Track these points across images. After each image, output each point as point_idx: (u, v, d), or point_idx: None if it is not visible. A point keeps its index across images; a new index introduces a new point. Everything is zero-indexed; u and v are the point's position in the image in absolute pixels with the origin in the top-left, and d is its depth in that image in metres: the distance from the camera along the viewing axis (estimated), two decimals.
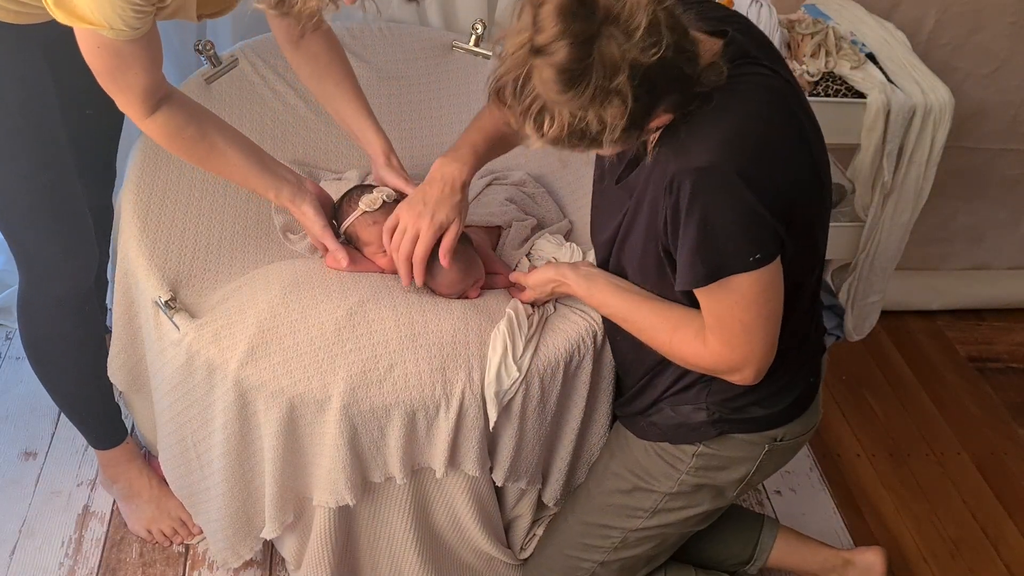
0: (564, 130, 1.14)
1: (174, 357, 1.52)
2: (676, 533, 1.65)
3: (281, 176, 1.57)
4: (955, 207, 2.64)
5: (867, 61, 2.11)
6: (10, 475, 1.99)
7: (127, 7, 1.23)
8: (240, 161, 1.52)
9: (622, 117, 1.12)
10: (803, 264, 1.37)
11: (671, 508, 1.58)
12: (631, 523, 1.61)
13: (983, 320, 2.81)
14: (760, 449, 1.52)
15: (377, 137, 1.66)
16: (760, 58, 1.29)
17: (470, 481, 1.59)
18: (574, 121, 1.13)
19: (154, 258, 1.57)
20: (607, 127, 1.13)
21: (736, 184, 1.21)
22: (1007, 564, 2.11)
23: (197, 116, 1.48)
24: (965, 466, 2.34)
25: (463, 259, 1.59)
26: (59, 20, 1.24)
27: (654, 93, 1.14)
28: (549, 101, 1.12)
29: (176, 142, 1.46)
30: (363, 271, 1.63)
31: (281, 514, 1.59)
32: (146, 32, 1.29)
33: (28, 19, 1.41)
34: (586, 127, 1.13)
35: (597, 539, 1.65)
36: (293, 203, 1.58)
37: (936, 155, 2.10)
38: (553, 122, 1.14)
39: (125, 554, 1.88)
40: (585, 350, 1.57)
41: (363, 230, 1.63)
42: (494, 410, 1.51)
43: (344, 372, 1.46)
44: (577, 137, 1.15)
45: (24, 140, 1.49)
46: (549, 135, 1.15)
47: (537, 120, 1.15)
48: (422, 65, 2.01)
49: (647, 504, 1.59)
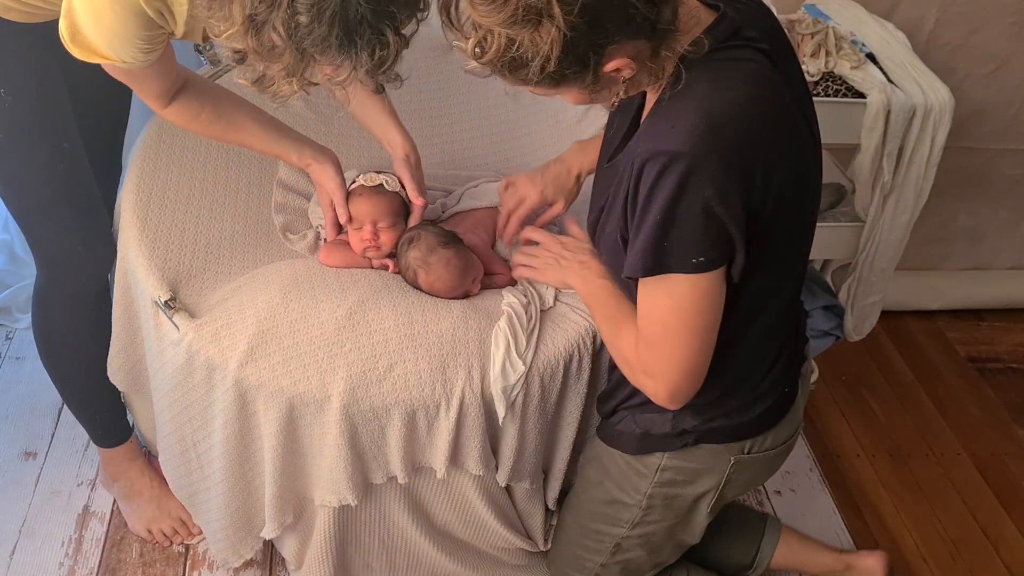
0: (500, 52, 1.11)
1: (174, 357, 1.52)
2: (667, 542, 1.62)
3: (301, 140, 1.62)
4: (955, 207, 2.64)
5: (867, 61, 2.11)
6: (10, 475, 1.99)
7: (135, 50, 1.29)
8: (258, 131, 1.57)
9: (558, 44, 1.08)
10: (771, 276, 1.30)
11: (650, 520, 1.55)
12: (617, 531, 1.58)
13: (983, 320, 2.81)
14: (726, 462, 1.46)
15: (399, 136, 1.67)
16: (755, 42, 1.22)
17: (478, 479, 1.59)
18: (511, 46, 1.10)
19: (154, 258, 1.57)
20: (540, 54, 1.09)
21: (701, 178, 1.14)
22: (1007, 564, 2.11)
23: (212, 97, 1.53)
24: (965, 466, 2.34)
25: (458, 261, 1.60)
26: (76, 56, 1.29)
27: (598, 27, 1.09)
28: (475, 20, 1.10)
29: (195, 125, 1.53)
30: (341, 263, 1.64)
31: (281, 514, 1.60)
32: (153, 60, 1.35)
33: (39, 18, 1.44)
34: (521, 53, 1.10)
35: (592, 541, 1.64)
36: (316, 160, 1.61)
37: (936, 155, 2.09)
38: (491, 44, 1.11)
39: (125, 554, 1.88)
40: (585, 350, 1.57)
41: (352, 200, 1.65)
42: (502, 406, 1.51)
43: (344, 372, 1.46)
44: (516, 64, 1.12)
45: (40, 129, 1.52)
46: (485, 58, 1.12)
47: (476, 41, 1.12)
48: (422, 65, 2.01)
49: (626, 516, 1.55)
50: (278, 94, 1.18)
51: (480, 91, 2.03)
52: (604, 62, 1.13)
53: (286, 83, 1.16)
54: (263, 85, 1.18)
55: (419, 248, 1.60)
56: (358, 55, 1.12)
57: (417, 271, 1.60)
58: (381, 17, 1.11)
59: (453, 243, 1.61)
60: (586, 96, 1.21)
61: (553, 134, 1.98)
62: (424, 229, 1.64)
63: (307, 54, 1.12)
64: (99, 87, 1.55)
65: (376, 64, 1.14)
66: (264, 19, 1.09)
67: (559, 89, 1.18)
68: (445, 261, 1.59)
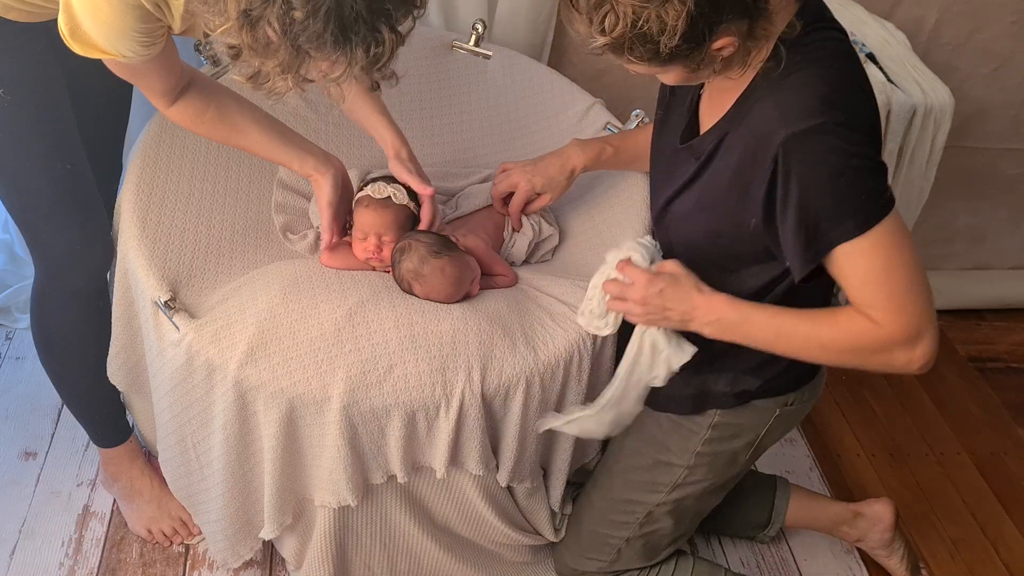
0: (627, 28, 1.15)
1: (174, 357, 1.52)
2: (695, 507, 1.67)
3: (305, 148, 1.60)
4: (956, 207, 2.63)
5: (867, 61, 2.11)
6: (10, 475, 1.99)
7: (133, 43, 1.28)
8: (261, 136, 1.55)
9: (683, 20, 1.13)
10: None
11: (691, 481, 1.60)
12: (653, 497, 1.63)
13: (983, 320, 2.80)
14: (771, 414, 1.54)
15: (388, 132, 1.67)
16: (836, 23, 1.29)
17: (477, 478, 1.59)
18: (637, 20, 1.14)
19: (154, 258, 1.57)
20: (667, 28, 1.14)
21: (849, 133, 1.19)
22: (1007, 564, 2.11)
23: (217, 98, 1.52)
24: (965, 466, 2.33)
25: (452, 269, 1.59)
26: (76, 51, 1.29)
27: (716, 5, 1.15)
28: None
29: (198, 126, 1.52)
30: (342, 265, 1.64)
31: (280, 515, 1.60)
32: (160, 49, 1.34)
33: (39, 18, 1.43)
34: (647, 28, 1.15)
35: (622, 515, 1.67)
36: (318, 172, 1.60)
37: (936, 155, 2.09)
38: (617, 19, 1.15)
39: (125, 554, 1.88)
40: (585, 351, 1.57)
41: (358, 210, 1.65)
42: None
43: (344, 373, 1.46)
44: (639, 40, 1.16)
45: (40, 129, 1.52)
46: (614, 33, 1.17)
47: (601, 17, 1.17)
48: (423, 65, 2.01)
49: (667, 479, 1.60)
50: (273, 91, 1.18)
51: (480, 91, 2.03)
52: (714, 39, 1.19)
53: (281, 80, 1.16)
54: (258, 81, 1.18)
55: (411, 260, 1.58)
56: (353, 52, 1.12)
57: (412, 283, 1.59)
58: (377, 14, 1.11)
59: (446, 251, 1.60)
60: (688, 74, 1.26)
61: (553, 133, 1.98)
62: (416, 238, 1.61)
63: (302, 50, 1.12)
64: (99, 86, 1.56)
65: (371, 61, 1.14)
66: (259, 15, 1.09)
67: (666, 67, 1.23)
68: (439, 271, 1.58)
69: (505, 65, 2.03)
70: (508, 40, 2.10)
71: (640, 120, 1.91)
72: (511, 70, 2.03)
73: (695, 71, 1.25)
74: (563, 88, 2.02)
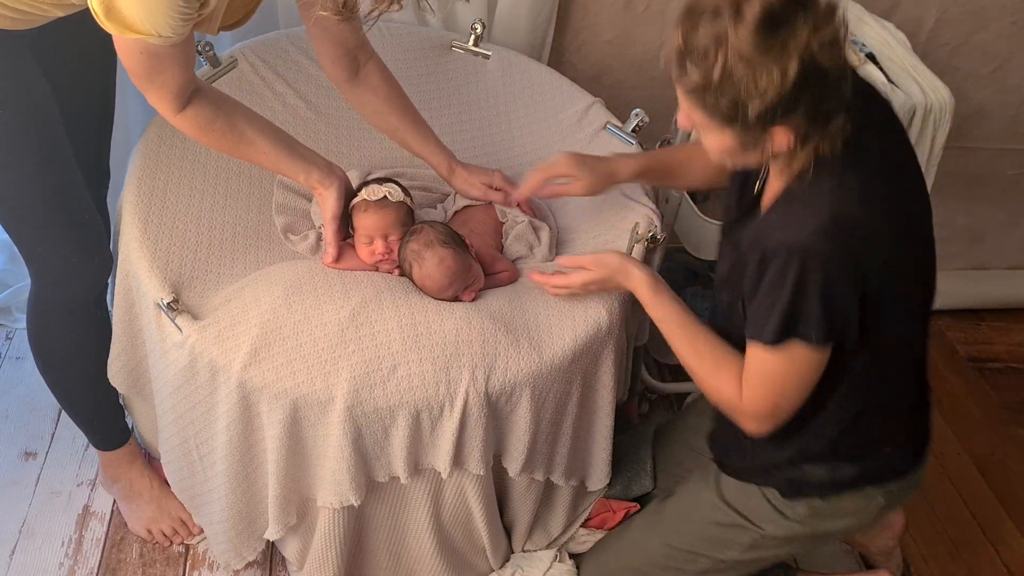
0: (721, 74, 1.15)
1: (177, 359, 1.51)
2: (754, 566, 1.64)
3: (310, 160, 1.61)
4: (955, 207, 2.64)
5: (867, 61, 2.11)
6: (10, 475, 1.99)
7: (176, 15, 1.27)
8: (269, 148, 1.56)
9: (773, 91, 1.14)
10: (897, 343, 1.42)
11: (771, 546, 1.57)
12: (724, 554, 1.59)
13: (983, 320, 2.80)
14: (874, 501, 1.52)
15: (440, 157, 1.75)
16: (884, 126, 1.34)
17: (477, 478, 1.59)
18: (735, 71, 1.15)
19: (156, 260, 1.57)
20: (755, 93, 1.15)
21: (824, 265, 1.24)
22: (1007, 564, 2.12)
23: (225, 108, 1.51)
24: (965, 466, 2.34)
25: (453, 263, 1.59)
26: (109, 31, 1.28)
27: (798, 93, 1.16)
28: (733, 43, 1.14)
29: (206, 135, 1.51)
30: (347, 268, 1.64)
31: (284, 515, 1.59)
32: (189, 31, 1.34)
33: (23, 25, 1.42)
34: (738, 84, 1.15)
35: (681, 562, 1.63)
36: (322, 184, 1.61)
37: (936, 155, 2.09)
38: (716, 62, 1.15)
39: (125, 554, 1.88)
40: (588, 349, 1.57)
41: (357, 216, 1.65)
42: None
43: (347, 373, 1.46)
44: (726, 92, 1.17)
45: (28, 139, 1.50)
46: (712, 75, 1.16)
47: (702, 57, 1.17)
48: (422, 65, 2.01)
49: (746, 539, 1.57)
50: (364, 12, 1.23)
51: (480, 91, 2.03)
52: (775, 125, 1.20)
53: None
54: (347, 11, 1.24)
55: (418, 241, 1.61)
56: None
57: (412, 263, 1.60)
58: None
59: (454, 244, 1.61)
60: (734, 149, 1.27)
61: (553, 133, 1.98)
62: (431, 225, 1.64)
63: None
64: (81, 90, 1.52)
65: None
66: None
67: (724, 129, 1.24)
68: (439, 259, 1.58)
69: (504, 65, 2.04)
70: (508, 40, 2.10)
71: (640, 120, 1.91)
72: (510, 70, 2.04)
73: (743, 152, 1.27)
74: (562, 88, 2.02)
